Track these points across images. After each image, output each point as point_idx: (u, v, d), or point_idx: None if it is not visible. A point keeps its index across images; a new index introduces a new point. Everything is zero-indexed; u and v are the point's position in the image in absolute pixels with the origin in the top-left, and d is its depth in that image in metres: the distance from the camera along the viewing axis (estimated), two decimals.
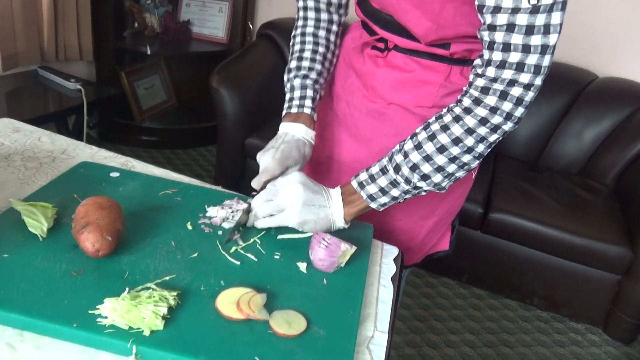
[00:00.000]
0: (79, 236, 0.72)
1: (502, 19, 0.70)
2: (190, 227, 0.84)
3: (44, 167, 0.97)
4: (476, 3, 0.73)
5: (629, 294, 2.04)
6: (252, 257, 0.80)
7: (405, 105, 0.96)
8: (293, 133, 0.95)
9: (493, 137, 0.78)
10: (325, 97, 1.09)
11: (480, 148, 0.79)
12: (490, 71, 0.75)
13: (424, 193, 0.86)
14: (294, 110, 0.98)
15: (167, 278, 0.72)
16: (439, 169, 0.80)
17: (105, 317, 0.63)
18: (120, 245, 0.76)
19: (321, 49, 1.01)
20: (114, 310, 0.63)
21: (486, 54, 0.75)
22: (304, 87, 0.98)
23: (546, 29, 0.69)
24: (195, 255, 0.78)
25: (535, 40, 0.70)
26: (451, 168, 0.80)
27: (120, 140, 2.96)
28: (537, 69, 0.72)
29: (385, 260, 0.89)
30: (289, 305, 0.71)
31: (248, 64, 2.51)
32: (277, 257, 0.82)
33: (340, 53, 1.08)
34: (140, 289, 0.69)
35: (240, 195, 0.96)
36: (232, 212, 0.89)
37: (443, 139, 0.78)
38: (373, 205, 0.87)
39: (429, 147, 0.79)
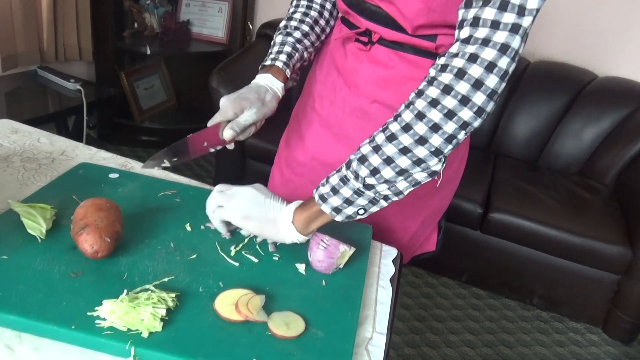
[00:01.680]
0: (78, 237, 0.72)
1: None
2: (189, 229, 0.84)
3: (43, 168, 0.97)
4: None
5: (628, 294, 2.04)
6: (253, 258, 0.80)
7: (389, 103, 0.94)
8: (257, 81, 0.95)
9: (448, 126, 0.69)
10: (306, 96, 1.09)
11: (436, 139, 0.70)
12: (454, 47, 0.69)
13: (386, 202, 0.77)
14: (267, 62, 0.97)
15: (165, 279, 0.72)
16: (402, 172, 0.72)
17: (104, 319, 0.63)
18: (119, 247, 0.76)
19: (313, 13, 1.01)
20: (113, 312, 0.63)
21: (455, 34, 0.71)
22: (283, 44, 0.98)
23: (521, 10, 0.66)
24: (194, 256, 0.78)
25: (508, 18, 0.66)
26: (417, 172, 0.73)
27: (120, 140, 2.96)
28: (503, 47, 0.66)
29: (384, 261, 0.89)
30: (288, 306, 0.71)
31: (248, 64, 2.51)
32: (276, 258, 0.82)
33: (324, 49, 1.07)
34: (138, 290, 0.69)
35: None
36: None
37: (394, 127, 0.72)
38: (339, 217, 0.78)
39: (389, 149, 0.72)
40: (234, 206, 0.80)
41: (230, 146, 0.91)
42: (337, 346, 0.66)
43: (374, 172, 0.72)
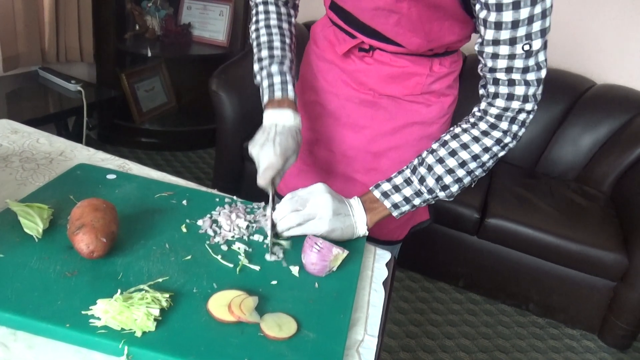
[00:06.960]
0: (74, 237, 0.73)
1: (502, 63, 0.83)
2: (184, 230, 0.85)
3: (42, 168, 0.98)
4: (476, 49, 0.85)
5: (624, 301, 2.04)
6: (248, 262, 0.81)
7: (397, 95, 1.04)
8: (283, 122, 0.94)
9: (501, 153, 0.91)
10: (309, 91, 1.13)
11: (490, 163, 0.92)
12: (501, 102, 0.87)
13: (433, 202, 0.94)
14: (278, 94, 0.97)
15: (160, 280, 0.73)
16: (458, 180, 0.91)
17: (98, 318, 0.64)
18: (114, 247, 0.76)
19: (287, 40, 1.04)
20: (107, 312, 0.64)
21: (492, 88, 0.87)
22: (282, 73, 0.98)
23: (538, 67, 0.83)
24: (189, 257, 0.79)
25: (531, 76, 0.84)
26: (467, 180, 0.92)
27: (120, 142, 2.97)
28: (536, 98, 0.87)
29: (378, 264, 0.89)
30: (280, 308, 0.72)
31: (248, 68, 2.50)
32: (269, 259, 0.82)
33: (311, 50, 1.13)
34: (133, 290, 0.70)
35: (232, 198, 0.97)
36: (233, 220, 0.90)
37: (464, 155, 0.89)
38: (395, 212, 0.93)
39: (451, 162, 0.90)
40: (318, 224, 0.86)
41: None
42: (328, 348, 0.67)
43: (438, 180, 0.90)
